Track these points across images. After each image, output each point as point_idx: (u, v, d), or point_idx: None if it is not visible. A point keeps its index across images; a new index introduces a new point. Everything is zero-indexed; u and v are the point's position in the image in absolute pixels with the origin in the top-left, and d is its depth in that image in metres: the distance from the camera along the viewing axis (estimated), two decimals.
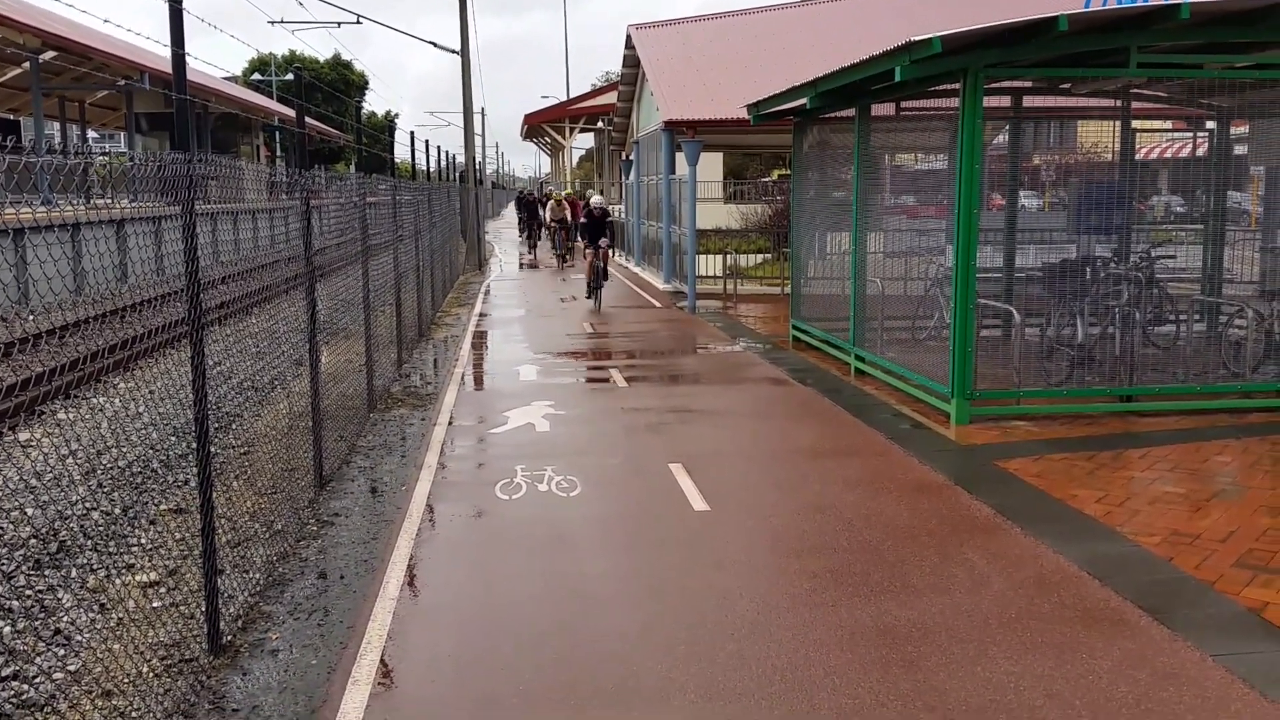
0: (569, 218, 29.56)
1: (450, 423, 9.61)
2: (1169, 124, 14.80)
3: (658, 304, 19.34)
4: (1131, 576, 5.58)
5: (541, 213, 34.81)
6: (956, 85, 8.91)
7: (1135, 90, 11.28)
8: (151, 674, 4.57)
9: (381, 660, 4.77)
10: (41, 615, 5.39)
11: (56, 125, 36.72)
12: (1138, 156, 12.13)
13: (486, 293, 22.08)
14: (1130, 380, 9.34)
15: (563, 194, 33.59)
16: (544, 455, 8.36)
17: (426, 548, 6.30)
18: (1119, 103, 11.44)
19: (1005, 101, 11.69)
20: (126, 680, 4.43)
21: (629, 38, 26.07)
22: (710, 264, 21.81)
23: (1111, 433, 8.65)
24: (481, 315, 18.13)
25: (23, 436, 8.79)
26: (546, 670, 4.63)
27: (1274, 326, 9.83)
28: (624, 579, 5.76)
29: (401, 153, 25.38)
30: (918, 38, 8.15)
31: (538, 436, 9.07)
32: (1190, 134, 13.32)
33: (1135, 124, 11.88)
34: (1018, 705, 4.23)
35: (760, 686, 4.43)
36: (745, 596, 5.41)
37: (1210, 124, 12.01)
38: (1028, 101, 11.90)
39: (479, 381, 12.00)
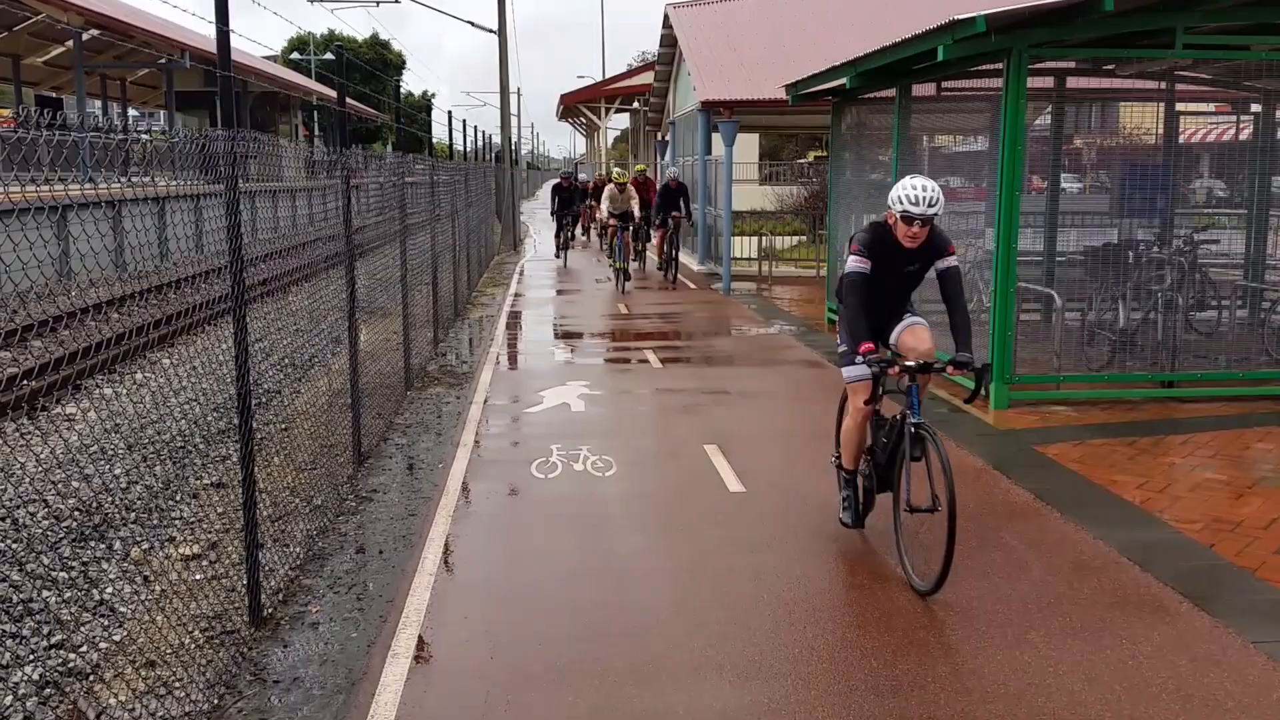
0: (635, 211, 18.73)
1: (486, 402, 9.65)
2: (1213, 107, 14.55)
3: (692, 285, 19.30)
4: (1171, 562, 5.53)
5: (590, 206, 26.07)
6: (999, 65, 8.81)
7: (1180, 72, 11.11)
8: (194, 645, 4.64)
9: (420, 635, 4.81)
10: (86, 586, 5.49)
11: (98, 103, 37.09)
12: (1181, 140, 11.94)
13: (521, 273, 22.13)
14: (1172, 366, 9.23)
15: (625, 172, 21.17)
16: (579, 435, 8.38)
17: (463, 524, 6.34)
18: (1163, 85, 11.27)
19: (1048, 83, 11.54)
20: (169, 651, 4.50)
21: (666, 17, 25.91)
22: (745, 246, 21.73)
23: (1152, 419, 8.56)
24: (516, 295, 18.18)
25: (68, 410, 8.92)
26: (581, 646, 4.66)
27: None
28: (658, 558, 5.78)
29: (439, 132, 25.50)
30: (961, 16, 8.06)
31: (573, 416, 9.10)
32: (1234, 117, 13.12)
33: (1179, 107, 11.70)
34: (1056, 689, 4.21)
35: (795, 666, 4.43)
36: (780, 577, 5.40)
37: (1255, 107, 11.80)
38: (1071, 83, 11.73)
39: (514, 361, 12.05)
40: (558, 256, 24.13)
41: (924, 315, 6.06)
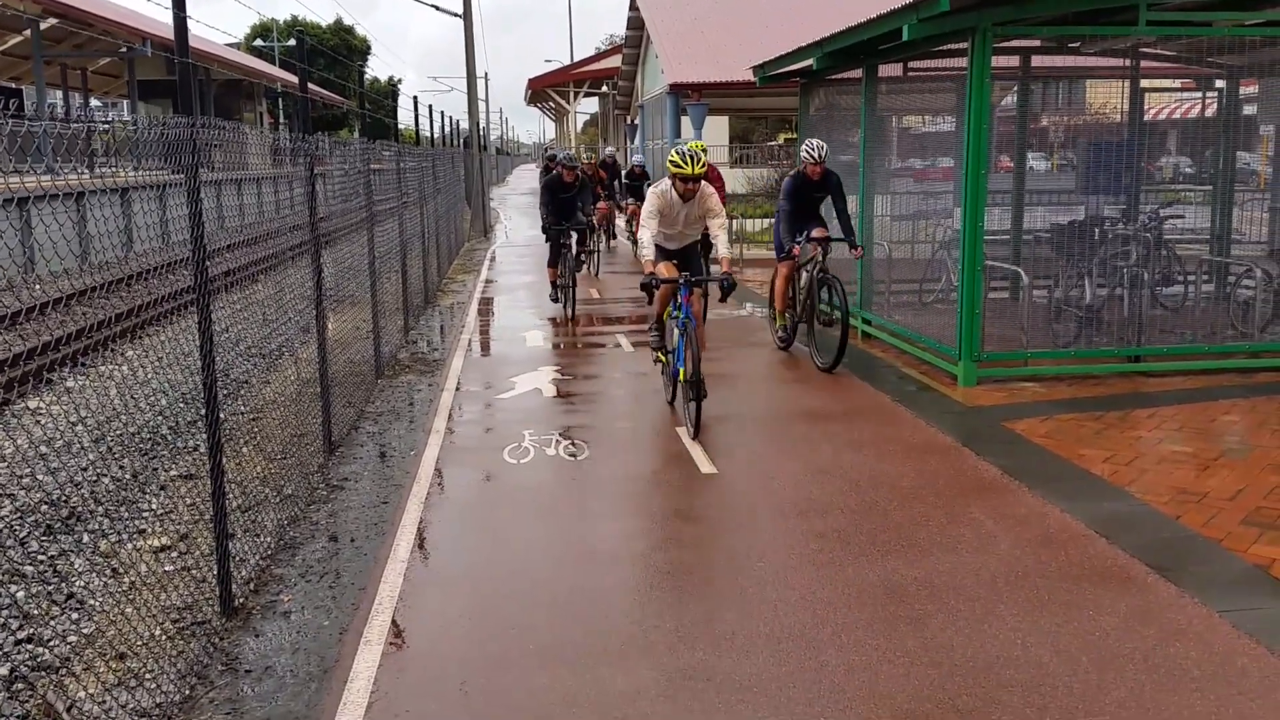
0: (723, 246, 8.43)
1: (458, 388, 9.63)
2: (1178, 84, 14.66)
3: None
4: (1139, 534, 5.60)
5: (626, 205, 20.26)
6: (965, 45, 8.83)
7: (1144, 49, 11.18)
8: (165, 636, 4.61)
9: (393, 621, 4.81)
10: (55, 580, 5.44)
11: (59, 93, 36.60)
12: (1146, 117, 12.03)
13: (492, 259, 22.06)
14: (1138, 341, 9.32)
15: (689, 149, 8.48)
16: (551, 420, 8.38)
17: (436, 511, 6.33)
18: (1128, 62, 11.34)
19: (1014, 61, 11.59)
20: (140, 643, 4.47)
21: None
22: None
23: (1119, 393, 8.64)
24: (488, 282, 18.12)
25: (32, 404, 8.82)
26: (557, 630, 4.67)
27: None
28: (632, 540, 5.79)
29: (405, 118, 25.31)
30: None
31: (545, 401, 9.09)
32: (1199, 94, 13.21)
33: (1144, 84, 11.77)
34: (1025, 661, 4.25)
35: (768, 644, 4.46)
36: (753, 557, 5.43)
37: (1219, 83, 11.90)
38: (1036, 62, 11.79)
39: (486, 347, 12.01)
40: (556, 299, 13.84)
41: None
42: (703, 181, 7.80)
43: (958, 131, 9.36)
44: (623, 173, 20.93)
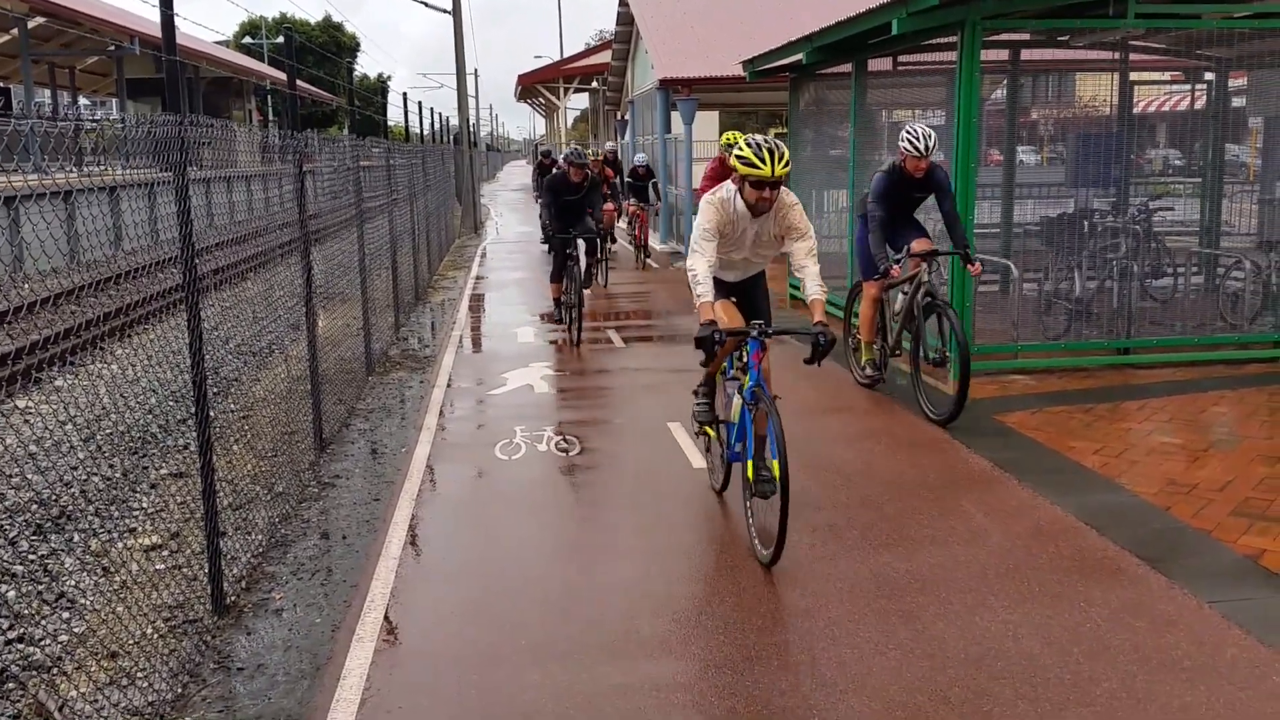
0: (811, 275, 5.76)
1: (449, 385, 9.62)
2: (1167, 76, 14.69)
3: (655, 264, 19.29)
4: (1129, 526, 5.61)
5: (636, 209, 18.75)
6: (954, 39, 8.84)
7: (1133, 42, 11.19)
8: (156, 635, 4.60)
9: (385, 618, 4.80)
10: (45, 579, 5.43)
11: (47, 92, 36.44)
12: (1136, 110, 12.05)
13: (483, 255, 22.03)
14: (1128, 333, 9.34)
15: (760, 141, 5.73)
16: (543, 416, 8.38)
17: (428, 508, 6.33)
18: (1117, 55, 11.35)
19: (1003, 55, 11.60)
20: (131, 641, 4.46)
21: None
22: None
23: (1109, 385, 8.67)
24: (478, 278, 18.10)
25: (21, 403, 8.79)
26: (549, 625, 4.67)
27: (1271, 278, 9.81)
28: (624, 536, 5.79)
29: (395, 115, 25.09)
30: None
31: (536, 397, 9.08)
32: (1188, 86, 13.24)
33: (1133, 77, 11.79)
34: (1016, 653, 4.26)
35: (760, 638, 4.47)
36: (743, 551, 5.43)
37: (1208, 76, 11.93)
38: (1026, 55, 11.80)
39: (477, 344, 12.00)
40: (560, 319, 12.21)
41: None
42: (782, 188, 5.38)
43: (947, 125, 9.37)
44: (625, 170, 20.66)
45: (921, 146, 7.63)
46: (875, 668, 4.19)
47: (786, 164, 5.17)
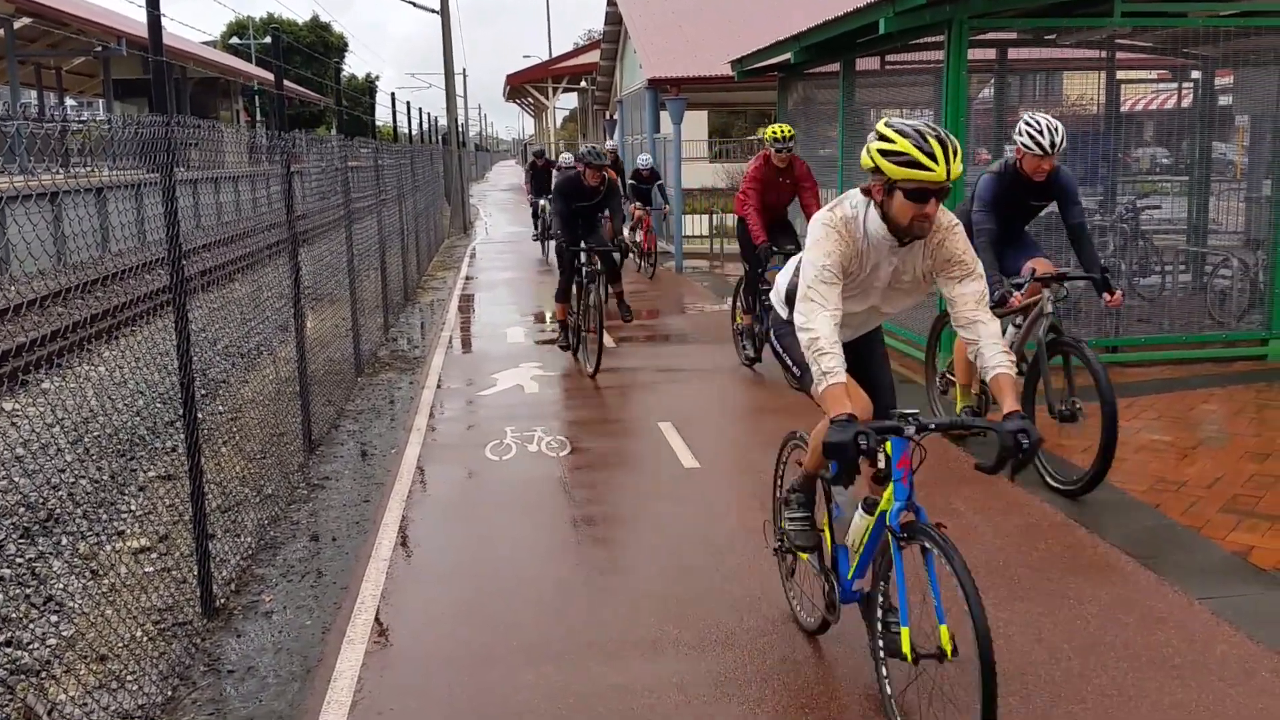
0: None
1: (439, 386, 9.60)
2: (1154, 75, 14.75)
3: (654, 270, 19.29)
4: (1119, 523, 5.63)
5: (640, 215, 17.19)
6: (941, 38, 8.86)
7: (1120, 40, 11.23)
8: (146, 638, 4.58)
9: (376, 619, 4.79)
10: (34, 583, 5.39)
11: (33, 93, 36.28)
12: (1123, 108, 12.10)
13: (472, 256, 22.00)
14: (1116, 331, 9.37)
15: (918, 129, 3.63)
16: (533, 416, 8.36)
17: (418, 509, 6.31)
18: (1104, 54, 11.39)
19: (990, 54, 11.64)
20: (121, 644, 4.44)
21: None
22: (696, 224, 21.74)
23: None
24: (467, 279, 18.07)
25: (8, 406, 8.74)
26: (543, 625, 4.66)
27: (1259, 275, 9.86)
28: (615, 536, 5.79)
29: (383, 115, 25.05)
30: None
31: (527, 398, 9.07)
32: (1175, 85, 13.30)
33: (1120, 75, 11.84)
34: (1007, 650, 4.26)
35: (752, 637, 4.47)
36: (736, 551, 5.44)
37: (1195, 74, 11.98)
38: (1013, 54, 11.84)
39: (466, 344, 11.98)
40: (566, 345, 10.45)
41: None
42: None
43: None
44: (625, 171, 20.22)
45: (1046, 142, 5.99)
46: (866, 665, 4.18)
47: (962, 160, 3.45)
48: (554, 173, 17.94)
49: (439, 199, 26.53)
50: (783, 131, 8.93)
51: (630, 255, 16.96)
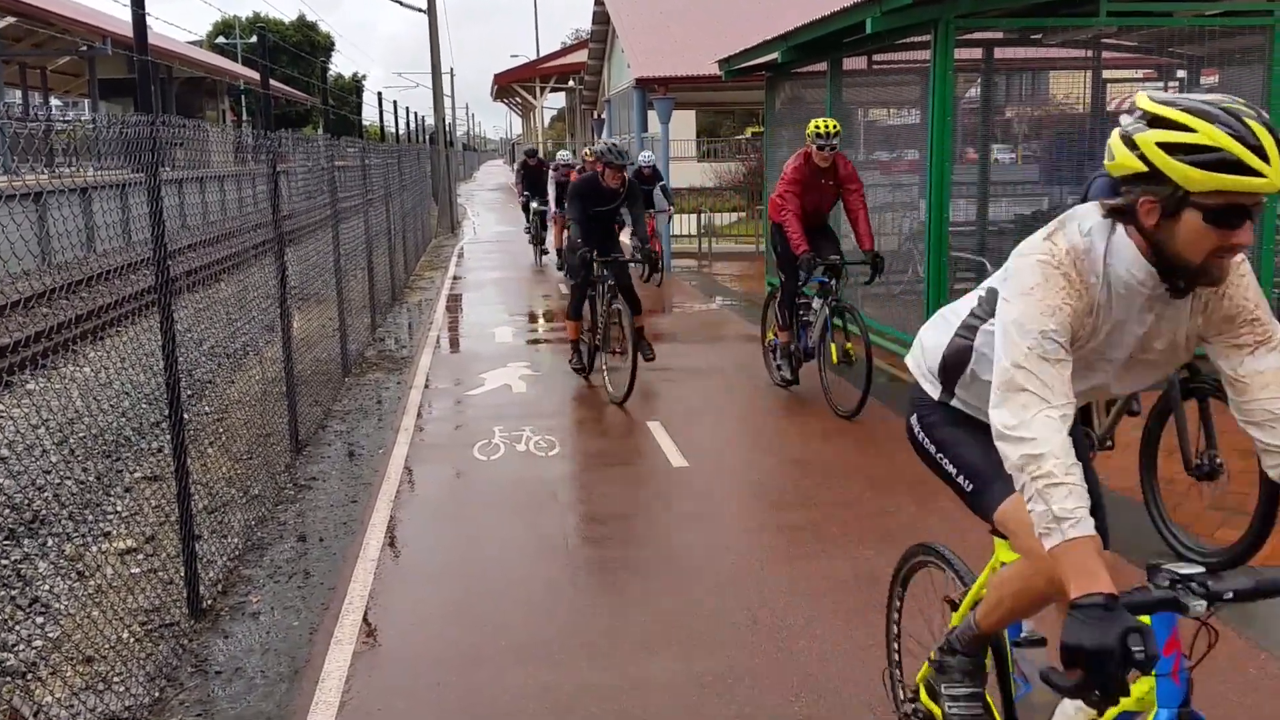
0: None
1: (426, 386, 9.58)
2: (1140, 74, 14.81)
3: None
4: (1109, 520, 5.63)
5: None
6: (928, 37, 8.88)
7: (1106, 40, 11.28)
8: (132, 639, 4.55)
9: (364, 620, 4.77)
10: (19, 584, 5.36)
11: (18, 92, 36.07)
12: (1109, 107, 12.14)
13: (460, 255, 21.96)
14: None
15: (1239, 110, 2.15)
16: (521, 416, 8.35)
17: (406, 509, 6.30)
18: (1090, 53, 11.43)
19: (977, 54, 11.66)
20: (107, 646, 4.41)
21: None
22: (685, 223, 21.75)
23: None
24: (455, 278, 18.04)
25: None
26: (531, 627, 4.65)
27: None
28: (604, 536, 5.78)
29: (370, 115, 25.02)
30: None
31: (515, 398, 9.06)
32: (1161, 84, 13.34)
33: (1106, 75, 11.88)
34: None
35: (741, 637, 4.47)
36: (726, 550, 5.44)
37: (1180, 73, 12.03)
38: (999, 54, 11.87)
39: (454, 344, 11.96)
40: (580, 366, 9.66)
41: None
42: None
43: (922, 124, 9.40)
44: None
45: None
46: (856, 663, 4.19)
47: None
48: (548, 172, 17.64)
49: (426, 199, 26.48)
50: (828, 126, 7.85)
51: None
